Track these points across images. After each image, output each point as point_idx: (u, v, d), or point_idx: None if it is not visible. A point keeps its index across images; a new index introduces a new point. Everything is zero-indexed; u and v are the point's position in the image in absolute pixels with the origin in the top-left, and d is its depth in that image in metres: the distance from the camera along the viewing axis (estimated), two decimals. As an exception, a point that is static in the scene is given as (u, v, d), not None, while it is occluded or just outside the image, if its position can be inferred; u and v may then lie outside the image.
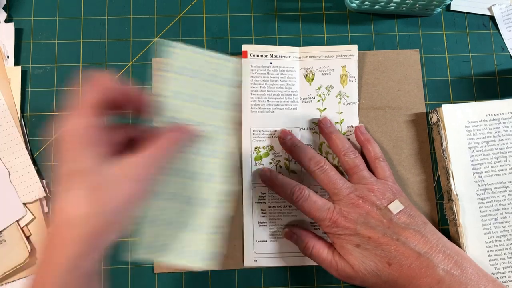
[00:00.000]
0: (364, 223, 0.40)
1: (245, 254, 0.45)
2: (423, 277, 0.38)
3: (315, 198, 0.42)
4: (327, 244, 0.43)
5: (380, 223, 0.40)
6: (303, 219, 0.46)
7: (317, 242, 0.43)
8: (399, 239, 0.39)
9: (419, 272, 0.38)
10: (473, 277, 0.38)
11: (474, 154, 0.45)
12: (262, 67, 0.48)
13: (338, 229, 0.41)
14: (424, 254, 0.39)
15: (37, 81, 0.48)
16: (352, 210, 0.41)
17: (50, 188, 0.46)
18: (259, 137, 0.47)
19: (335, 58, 0.48)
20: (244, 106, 0.47)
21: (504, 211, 0.44)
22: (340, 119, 0.47)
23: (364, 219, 0.40)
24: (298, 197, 0.42)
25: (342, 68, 0.48)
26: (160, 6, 0.50)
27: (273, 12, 0.50)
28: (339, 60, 0.48)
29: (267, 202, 0.46)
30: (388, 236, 0.40)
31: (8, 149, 0.45)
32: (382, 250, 0.39)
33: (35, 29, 0.49)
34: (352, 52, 0.48)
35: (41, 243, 0.31)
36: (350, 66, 0.48)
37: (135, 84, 0.48)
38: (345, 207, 0.41)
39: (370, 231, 0.40)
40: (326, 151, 0.47)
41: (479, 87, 0.49)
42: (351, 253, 0.40)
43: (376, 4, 0.48)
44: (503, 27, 0.51)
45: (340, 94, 0.47)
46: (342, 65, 0.48)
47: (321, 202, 0.42)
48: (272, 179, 0.44)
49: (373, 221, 0.40)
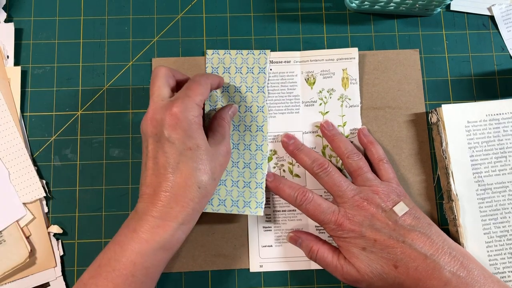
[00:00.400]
0: (369, 225, 0.40)
1: (251, 259, 0.45)
2: (430, 279, 0.38)
3: (319, 201, 0.42)
4: (332, 248, 0.43)
5: (385, 226, 0.40)
6: (308, 223, 0.46)
7: (322, 246, 0.43)
8: (405, 241, 0.39)
9: (425, 275, 0.38)
10: (479, 278, 0.38)
11: (474, 154, 0.45)
12: None
13: (343, 232, 0.41)
14: (430, 256, 0.39)
15: (37, 81, 0.48)
16: (357, 212, 0.41)
17: (50, 188, 0.46)
18: None
19: (336, 62, 0.48)
20: None
21: (504, 211, 0.44)
22: (343, 122, 0.47)
23: (370, 221, 0.40)
24: (302, 200, 0.42)
25: (343, 71, 0.48)
26: (160, 6, 0.50)
27: (273, 12, 0.50)
28: (340, 63, 0.48)
29: (271, 207, 0.46)
30: (394, 238, 0.40)
31: (8, 149, 0.45)
32: (388, 252, 0.39)
33: (35, 29, 0.49)
34: (353, 55, 0.48)
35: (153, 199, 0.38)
36: (351, 69, 0.48)
37: (135, 84, 0.48)
38: (350, 209, 0.41)
39: (375, 233, 0.40)
40: (330, 154, 0.47)
41: (479, 87, 0.49)
42: (357, 257, 0.40)
43: (376, 4, 0.48)
44: (503, 27, 0.51)
45: (342, 97, 0.47)
46: (343, 68, 0.48)
47: (326, 205, 0.42)
48: (275, 183, 0.44)
49: (379, 223, 0.40)
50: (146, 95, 0.48)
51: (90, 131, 0.47)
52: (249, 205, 0.45)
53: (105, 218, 0.46)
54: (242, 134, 0.46)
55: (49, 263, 0.44)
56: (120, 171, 0.46)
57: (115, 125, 0.47)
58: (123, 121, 0.47)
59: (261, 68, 0.47)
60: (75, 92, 0.48)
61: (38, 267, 0.44)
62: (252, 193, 0.45)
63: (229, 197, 0.45)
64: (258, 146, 0.46)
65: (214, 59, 0.48)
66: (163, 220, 0.36)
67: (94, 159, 0.47)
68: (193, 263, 0.45)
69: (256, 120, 0.47)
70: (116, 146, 0.47)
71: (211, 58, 0.48)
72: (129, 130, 0.47)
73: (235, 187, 0.45)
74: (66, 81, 0.48)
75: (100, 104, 0.48)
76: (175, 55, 0.49)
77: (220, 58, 0.48)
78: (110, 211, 0.46)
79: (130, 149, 0.47)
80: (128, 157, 0.47)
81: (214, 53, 0.48)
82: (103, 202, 0.46)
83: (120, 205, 0.46)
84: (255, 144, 0.46)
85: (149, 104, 0.39)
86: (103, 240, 0.45)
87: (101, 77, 0.48)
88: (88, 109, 0.47)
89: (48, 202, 0.46)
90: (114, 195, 0.46)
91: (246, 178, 0.45)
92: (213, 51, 0.48)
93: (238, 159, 0.46)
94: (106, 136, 0.47)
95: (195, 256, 0.45)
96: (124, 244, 0.36)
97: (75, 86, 0.48)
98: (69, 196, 0.46)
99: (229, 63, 0.47)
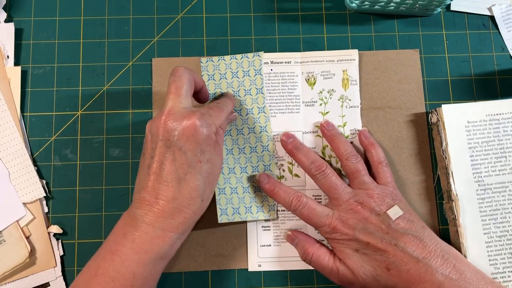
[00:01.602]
0: (362, 229, 0.40)
1: (249, 258, 0.45)
2: (422, 282, 0.38)
3: (313, 205, 0.42)
4: (328, 250, 0.43)
5: (378, 229, 0.40)
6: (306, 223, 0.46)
7: (318, 250, 0.43)
8: (398, 244, 0.39)
9: (418, 278, 0.38)
10: (472, 280, 0.38)
11: (474, 154, 0.45)
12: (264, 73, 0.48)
13: (337, 235, 0.41)
14: (423, 260, 0.39)
15: (37, 81, 0.48)
16: (351, 216, 0.41)
17: (50, 188, 0.46)
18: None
19: (336, 63, 0.48)
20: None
21: (504, 211, 0.44)
22: (343, 122, 0.47)
23: (363, 225, 0.40)
24: (297, 206, 0.42)
25: (344, 72, 0.48)
26: (160, 6, 0.50)
27: (273, 12, 0.50)
28: (340, 65, 0.48)
29: None
30: (386, 241, 0.40)
31: (8, 149, 0.45)
32: (381, 255, 0.40)
33: (35, 29, 0.49)
34: (353, 56, 0.48)
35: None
36: (352, 70, 0.48)
37: (135, 84, 0.48)
38: (344, 213, 0.41)
39: (368, 236, 0.40)
40: (330, 154, 0.47)
41: (479, 87, 0.49)
42: (350, 258, 0.41)
43: (376, 4, 0.48)
44: (503, 27, 0.51)
45: (342, 98, 0.47)
46: (343, 69, 0.48)
47: (320, 209, 0.42)
48: (270, 187, 0.44)
49: (372, 227, 0.40)
50: (146, 95, 0.48)
51: (90, 131, 0.47)
52: (262, 210, 0.45)
53: (105, 218, 0.46)
54: (247, 137, 0.46)
55: (49, 263, 0.44)
56: (120, 171, 0.46)
57: (115, 125, 0.47)
58: (123, 121, 0.47)
59: (257, 70, 0.48)
60: (75, 92, 0.48)
61: (38, 267, 0.44)
62: (263, 197, 0.46)
63: (242, 204, 0.45)
64: (264, 147, 0.46)
65: (209, 66, 0.48)
66: (164, 230, 0.36)
67: (94, 159, 0.47)
68: (193, 263, 0.45)
69: (259, 121, 0.47)
70: (116, 146, 0.47)
71: (205, 66, 0.48)
72: (129, 130, 0.47)
73: (247, 194, 0.45)
74: (66, 81, 0.48)
75: (100, 104, 0.48)
76: (175, 55, 0.49)
77: (215, 65, 0.48)
78: (110, 211, 0.46)
79: (130, 149, 0.47)
80: (128, 157, 0.47)
81: (208, 61, 0.48)
82: (103, 202, 0.46)
83: (120, 205, 0.46)
84: (261, 146, 0.46)
85: (165, 104, 0.38)
86: (103, 240, 0.45)
87: (101, 77, 0.48)
88: (88, 109, 0.47)
89: (48, 202, 0.46)
90: (114, 195, 0.46)
91: (256, 182, 0.46)
92: (207, 59, 0.48)
93: (246, 164, 0.46)
94: (106, 136, 0.47)
95: (195, 256, 0.45)
96: (123, 254, 0.35)
97: (75, 86, 0.48)
98: (69, 196, 0.46)
99: (225, 69, 0.47)
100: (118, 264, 0.35)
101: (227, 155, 0.46)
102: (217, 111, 0.40)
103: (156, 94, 0.48)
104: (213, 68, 0.48)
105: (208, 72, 0.48)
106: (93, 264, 0.36)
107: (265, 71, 0.48)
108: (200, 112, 0.37)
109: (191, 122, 0.36)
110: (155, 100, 0.48)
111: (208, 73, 0.48)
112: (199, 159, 0.37)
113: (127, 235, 0.36)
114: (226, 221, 0.45)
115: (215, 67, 0.48)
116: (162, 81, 0.48)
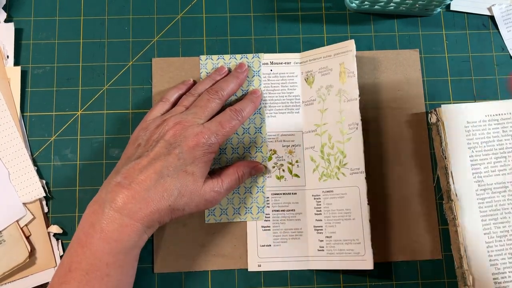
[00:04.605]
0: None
1: (249, 258, 0.45)
2: None
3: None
4: None
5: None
6: (307, 223, 0.46)
7: None
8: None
9: None
10: None
11: (474, 154, 0.45)
12: (263, 74, 0.48)
13: None
14: None
15: (37, 81, 0.48)
16: None
17: (50, 188, 0.46)
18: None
19: (333, 57, 0.47)
20: None
21: (504, 211, 0.44)
22: (341, 118, 0.46)
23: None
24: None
25: (341, 65, 0.47)
26: (160, 6, 0.50)
27: (273, 12, 0.50)
28: (338, 58, 0.47)
29: (270, 207, 0.46)
30: None
31: (8, 149, 0.45)
32: None
33: (35, 29, 0.49)
34: (349, 47, 0.46)
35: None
36: (348, 62, 0.46)
37: (135, 84, 0.48)
38: None
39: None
40: (328, 152, 0.46)
41: (479, 87, 0.49)
42: None
43: (376, 4, 0.48)
44: (503, 27, 0.51)
45: (339, 92, 0.46)
46: (340, 62, 0.47)
47: None
48: None
49: None
50: (146, 95, 0.48)
51: (90, 131, 0.47)
52: (250, 211, 0.46)
53: (105, 218, 0.46)
54: (241, 137, 0.47)
55: (49, 263, 0.44)
56: (120, 171, 0.46)
57: (115, 125, 0.47)
58: (123, 121, 0.47)
59: (256, 71, 0.48)
60: (75, 92, 0.48)
61: (38, 267, 0.44)
62: (253, 199, 0.46)
63: (231, 205, 0.45)
64: (258, 148, 0.46)
65: (208, 64, 0.48)
66: (131, 219, 0.36)
67: (94, 159, 0.47)
68: (193, 263, 0.45)
69: (254, 122, 0.47)
70: (116, 146, 0.47)
71: (204, 63, 0.48)
72: (129, 130, 0.47)
73: (236, 194, 0.46)
74: (66, 81, 0.48)
75: (100, 104, 0.48)
76: (175, 55, 0.49)
77: (214, 63, 0.48)
78: (110, 211, 0.46)
79: (130, 149, 0.47)
80: (128, 157, 0.47)
81: (208, 59, 0.48)
82: (103, 202, 0.46)
83: (120, 205, 0.46)
84: (255, 147, 0.46)
85: (185, 114, 0.41)
86: (103, 240, 0.45)
87: (101, 77, 0.48)
88: (88, 109, 0.48)
89: (48, 202, 0.46)
90: (114, 195, 0.46)
91: (247, 183, 0.46)
92: (207, 57, 0.48)
93: None
94: (106, 136, 0.47)
95: (195, 256, 0.45)
96: (93, 246, 0.35)
97: (75, 86, 0.48)
98: (69, 196, 0.46)
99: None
100: (90, 257, 0.35)
101: (220, 154, 0.46)
102: (226, 131, 0.41)
103: (156, 94, 0.48)
104: (212, 66, 0.48)
105: (206, 70, 0.48)
106: (66, 259, 0.36)
107: (264, 72, 0.48)
108: (210, 129, 0.40)
109: (198, 137, 0.39)
110: (155, 100, 0.48)
111: (207, 71, 0.48)
112: (185, 169, 0.39)
113: (95, 225, 0.36)
114: (213, 222, 0.45)
115: (214, 66, 0.48)
116: (162, 81, 0.48)
